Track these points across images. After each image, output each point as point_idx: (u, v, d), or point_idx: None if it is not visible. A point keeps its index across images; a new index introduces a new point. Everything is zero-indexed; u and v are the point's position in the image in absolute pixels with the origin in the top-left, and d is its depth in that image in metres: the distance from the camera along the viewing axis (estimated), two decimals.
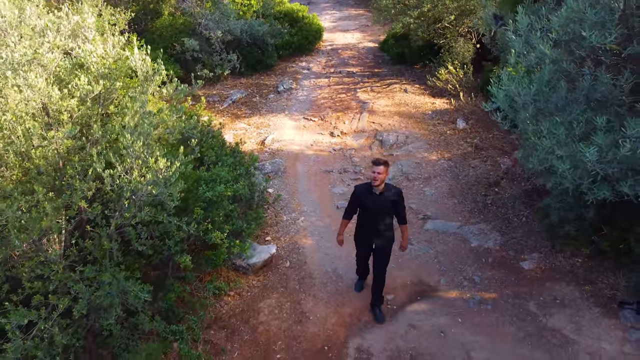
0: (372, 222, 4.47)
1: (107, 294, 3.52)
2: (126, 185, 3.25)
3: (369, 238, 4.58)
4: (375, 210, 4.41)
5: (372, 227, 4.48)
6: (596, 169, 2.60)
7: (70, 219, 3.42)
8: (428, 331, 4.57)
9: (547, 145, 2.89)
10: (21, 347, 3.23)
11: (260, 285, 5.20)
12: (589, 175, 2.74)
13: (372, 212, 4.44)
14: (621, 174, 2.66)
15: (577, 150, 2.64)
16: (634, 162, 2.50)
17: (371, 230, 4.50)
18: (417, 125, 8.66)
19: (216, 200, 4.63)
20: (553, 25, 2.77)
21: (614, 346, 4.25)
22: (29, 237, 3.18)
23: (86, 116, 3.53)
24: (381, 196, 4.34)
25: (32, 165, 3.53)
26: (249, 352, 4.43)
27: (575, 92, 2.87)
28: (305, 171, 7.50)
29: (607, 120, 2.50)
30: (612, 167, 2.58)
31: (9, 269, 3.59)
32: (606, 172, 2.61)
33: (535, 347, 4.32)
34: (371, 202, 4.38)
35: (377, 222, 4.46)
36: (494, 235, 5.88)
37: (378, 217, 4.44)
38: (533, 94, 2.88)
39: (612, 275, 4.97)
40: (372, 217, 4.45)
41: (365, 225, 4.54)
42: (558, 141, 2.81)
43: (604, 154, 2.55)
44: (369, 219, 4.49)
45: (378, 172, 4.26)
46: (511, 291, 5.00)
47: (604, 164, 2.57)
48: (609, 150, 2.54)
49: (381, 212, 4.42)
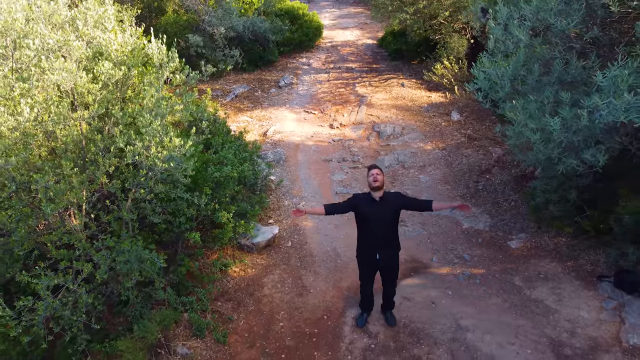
0: (375, 232, 4.12)
1: (126, 261, 3.87)
2: (145, 160, 3.59)
3: (373, 250, 4.19)
4: (376, 218, 4.07)
5: (375, 238, 4.14)
6: (561, 138, 2.93)
7: (93, 192, 3.76)
8: (420, 302, 4.91)
9: (521, 120, 3.22)
10: (50, 305, 3.58)
11: (263, 262, 5.55)
12: (557, 145, 3.08)
13: (373, 222, 4.09)
14: (584, 143, 2.99)
15: (546, 123, 2.97)
16: (593, 132, 2.83)
17: (374, 242, 4.15)
18: (413, 117, 9.01)
19: (223, 181, 4.98)
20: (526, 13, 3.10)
21: (591, 314, 4.60)
22: (57, 207, 3.52)
23: (107, 100, 3.88)
24: (382, 202, 4.06)
25: (57, 144, 3.87)
26: (254, 320, 4.78)
27: (549, 75, 3.22)
28: (305, 160, 7.85)
29: (571, 96, 2.84)
30: (576, 136, 2.91)
31: (36, 238, 3.95)
32: (571, 141, 2.95)
33: (519, 316, 4.67)
34: (372, 211, 4.06)
35: (380, 232, 4.12)
36: (484, 217, 6.23)
37: (380, 225, 4.10)
38: (510, 75, 3.22)
39: (593, 253, 5.31)
40: (375, 227, 4.10)
41: (368, 237, 4.19)
42: (530, 115, 3.15)
43: (568, 125, 2.88)
44: (371, 230, 4.13)
45: (376, 174, 4.02)
46: (498, 267, 5.35)
47: (569, 134, 2.89)
48: (573, 122, 2.87)
49: (383, 219, 4.09)
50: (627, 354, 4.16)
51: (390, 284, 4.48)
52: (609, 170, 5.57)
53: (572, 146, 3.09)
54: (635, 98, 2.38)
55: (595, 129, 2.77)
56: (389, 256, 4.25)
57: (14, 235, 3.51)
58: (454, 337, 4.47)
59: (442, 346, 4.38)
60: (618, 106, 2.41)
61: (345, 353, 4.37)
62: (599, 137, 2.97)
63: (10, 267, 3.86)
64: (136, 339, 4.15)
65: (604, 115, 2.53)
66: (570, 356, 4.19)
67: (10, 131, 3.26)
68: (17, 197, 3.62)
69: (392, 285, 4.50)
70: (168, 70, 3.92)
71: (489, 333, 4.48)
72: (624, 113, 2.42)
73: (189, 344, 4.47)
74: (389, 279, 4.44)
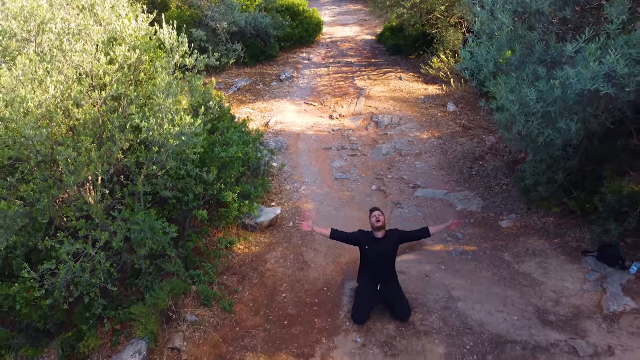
0: (377, 267, 4.60)
1: (140, 230, 4.16)
2: (157, 136, 3.89)
3: (375, 282, 4.62)
4: (378, 255, 4.55)
5: (377, 271, 4.61)
6: (537, 108, 3.22)
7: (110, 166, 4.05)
8: (415, 275, 5.21)
9: (502, 94, 3.52)
10: (71, 269, 3.87)
11: (266, 240, 5.84)
12: (535, 117, 3.37)
13: (376, 258, 4.57)
14: (559, 113, 3.28)
15: (524, 95, 3.26)
16: (566, 103, 3.12)
17: (376, 275, 4.62)
18: (410, 108, 9.31)
19: (229, 162, 5.27)
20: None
21: (575, 285, 4.89)
22: (78, 178, 3.81)
23: (122, 81, 4.17)
24: (383, 240, 4.58)
25: (76, 123, 4.16)
26: (258, 292, 5.07)
27: (531, 56, 3.51)
28: (306, 148, 8.15)
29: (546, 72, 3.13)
30: (552, 107, 3.20)
31: (57, 210, 4.24)
32: (547, 111, 3.23)
33: (508, 287, 4.96)
34: (374, 249, 4.55)
35: (381, 266, 4.59)
36: (476, 200, 6.53)
37: (381, 261, 4.58)
38: (493, 54, 3.52)
39: (579, 231, 5.61)
40: (377, 262, 4.59)
41: (370, 270, 4.65)
42: (511, 89, 3.44)
43: (544, 97, 3.17)
44: (372, 264, 4.61)
45: (378, 215, 4.56)
46: (489, 245, 5.64)
47: (545, 105, 3.18)
48: (548, 93, 3.16)
49: (384, 256, 4.57)
50: (607, 319, 4.45)
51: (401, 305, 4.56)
52: (595, 155, 5.91)
53: (549, 118, 3.38)
54: (600, 67, 2.67)
55: (568, 100, 3.06)
56: (389, 285, 4.64)
57: (38, 205, 3.80)
58: (446, 305, 4.76)
59: (435, 314, 4.67)
60: (585, 75, 2.70)
61: (343, 320, 4.66)
62: (572, 108, 3.26)
63: (33, 236, 4.15)
64: (148, 306, 4.44)
65: (573, 83, 2.82)
66: (554, 322, 4.48)
67: (36, 107, 3.55)
68: (39, 170, 3.91)
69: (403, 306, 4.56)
70: (178, 54, 4.22)
71: (479, 302, 4.78)
72: (591, 81, 2.71)
73: (197, 312, 4.77)
74: (397, 304, 4.57)
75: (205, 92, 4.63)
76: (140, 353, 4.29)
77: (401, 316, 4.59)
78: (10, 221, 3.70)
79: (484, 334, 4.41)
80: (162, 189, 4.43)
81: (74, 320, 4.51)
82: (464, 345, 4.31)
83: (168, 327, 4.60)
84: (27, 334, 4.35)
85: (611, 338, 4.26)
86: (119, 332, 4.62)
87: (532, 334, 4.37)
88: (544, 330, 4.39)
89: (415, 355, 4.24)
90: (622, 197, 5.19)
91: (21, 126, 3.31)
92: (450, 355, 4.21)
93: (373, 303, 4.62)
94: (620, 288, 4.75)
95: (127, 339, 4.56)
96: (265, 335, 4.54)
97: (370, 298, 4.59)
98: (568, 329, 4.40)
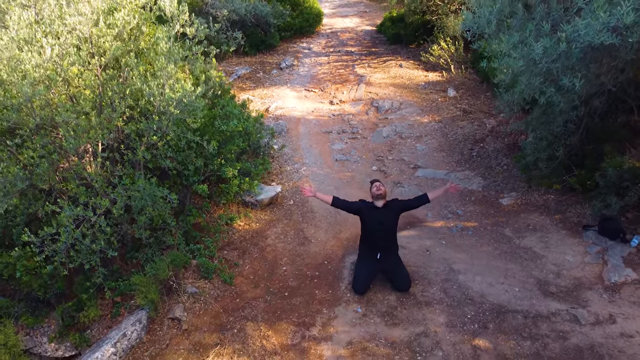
0: (377, 236, 4.56)
1: (141, 197, 4.15)
2: (159, 101, 3.88)
3: (375, 251, 4.58)
4: (379, 224, 4.51)
5: (377, 241, 4.57)
6: (542, 63, 3.21)
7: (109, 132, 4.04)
8: (415, 250, 5.20)
9: (505, 50, 3.51)
10: (71, 234, 3.86)
11: (267, 217, 5.83)
12: (539, 74, 3.35)
13: (376, 227, 4.54)
14: (562, 70, 3.27)
15: (529, 50, 3.26)
16: (570, 60, 3.10)
17: (376, 244, 4.58)
18: (410, 94, 9.30)
19: (230, 137, 5.26)
20: None
21: (576, 258, 4.88)
22: (78, 142, 3.80)
23: (122, 50, 4.16)
24: (384, 209, 4.54)
25: (75, 91, 4.15)
26: (258, 265, 5.06)
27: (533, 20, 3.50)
28: (306, 132, 8.14)
29: (551, 27, 3.12)
30: (555, 64, 3.19)
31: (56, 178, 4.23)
32: (550, 68, 3.22)
33: (508, 261, 4.95)
34: (374, 218, 4.51)
35: (381, 236, 4.55)
36: (477, 180, 6.52)
37: (382, 230, 4.53)
38: (496, 14, 3.51)
39: (580, 207, 5.60)
40: (377, 231, 4.55)
41: (370, 240, 4.61)
42: (514, 46, 3.43)
43: (549, 53, 3.16)
44: (373, 234, 4.58)
45: (379, 185, 4.58)
46: (490, 221, 5.63)
47: (549, 62, 3.17)
48: (553, 49, 3.15)
49: (385, 225, 4.53)
50: (609, 290, 4.44)
51: (401, 276, 4.54)
52: (595, 133, 5.90)
53: (552, 76, 3.37)
54: (610, 18, 2.66)
55: (572, 56, 3.05)
56: (389, 256, 4.63)
57: (38, 169, 3.79)
58: (446, 278, 4.75)
59: (436, 285, 4.66)
60: (595, 26, 2.69)
61: (344, 292, 4.66)
62: (575, 66, 3.25)
63: (33, 203, 4.14)
64: (149, 276, 4.43)
65: (582, 35, 2.81)
66: (555, 292, 4.47)
67: (34, 69, 3.54)
68: (39, 136, 3.90)
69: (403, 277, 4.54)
70: (179, 22, 4.21)
71: (480, 275, 4.77)
72: (598, 34, 2.70)
73: (197, 284, 4.76)
74: (397, 275, 4.55)
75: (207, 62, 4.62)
76: (140, 322, 4.29)
77: (402, 288, 4.58)
78: (9, 185, 3.69)
79: (485, 304, 4.40)
80: (162, 159, 4.42)
81: (74, 291, 4.51)
82: (465, 314, 4.30)
83: (168, 299, 4.59)
84: (28, 303, 4.34)
85: (612, 307, 4.25)
86: (119, 304, 4.61)
87: (533, 304, 4.36)
88: (545, 301, 4.39)
89: (416, 325, 4.23)
90: (624, 171, 5.18)
91: (19, 86, 3.30)
92: (452, 324, 4.20)
93: (373, 273, 4.61)
94: (621, 260, 4.74)
95: (127, 311, 4.55)
96: (266, 306, 4.53)
97: (370, 268, 4.58)
98: (569, 299, 4.39)
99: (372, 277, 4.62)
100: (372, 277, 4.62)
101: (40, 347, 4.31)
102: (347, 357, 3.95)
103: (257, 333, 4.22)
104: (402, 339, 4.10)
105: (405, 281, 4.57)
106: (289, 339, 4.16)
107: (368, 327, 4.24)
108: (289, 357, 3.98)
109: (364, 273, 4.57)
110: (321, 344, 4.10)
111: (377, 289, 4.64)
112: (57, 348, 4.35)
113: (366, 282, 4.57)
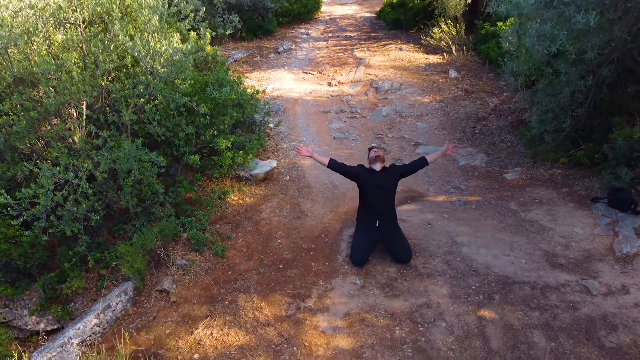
0: (376, 200, 4.34)
1: (126, 161, 3.92)
2: (145, 56, 3.64)
3: (373, 218, 4.36)
4: (377, 187, 4.31)
5: (376, 206, 4.36)
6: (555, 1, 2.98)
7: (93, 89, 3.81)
8: (417, 224, 4.97)
9: None
10: (51, 197, 3.63)
11: (262, 193, 5.60)
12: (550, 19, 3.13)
13: (375, 191, 4.32)
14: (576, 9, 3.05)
15: None
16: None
17: (374, 210, 4.37)
18: (411, 75, 9.07)
19: (223, 105, 5.03)
20: None
21: (586, 230, 4.65)
22: (60, 98, 3.57)
23: (106, 4, 3.93)
24: (382, 173, 4.33)
25: (57, 49, 3.92)
26: (252, 239, 4.83)
27: None
28: (304, 112, 7.91)
29: None
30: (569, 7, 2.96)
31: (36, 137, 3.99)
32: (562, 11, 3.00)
33: (514, 234, 4.72)
34: (373, 181, 4.31)
35: (380, 200, 4.34)
36: (480, 156, 6.29)
37: (380, 194, 4.33)
38: None
39: (588, 181, 5.37)
40: (375, 195, 4.33)
41: (368, 206, 4.40)
42: None
43: None
44: (371, 198, 4.35)
45: (377, 150, 4.41)
46: (494, 195, 5.40)
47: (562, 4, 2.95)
48: None
49: (383, 189, 4.32)
50: (621, 261, 4.22)
51: (401, 246, 4.33)
52: (604, 105, 5.67)
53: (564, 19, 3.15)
54: None
55: None
56: (389, 224, 4.39)
57: (16, 127, 3.55)
58: (450, 250, 4.52)
59: (438, 258, 4.43)
60: None
61: (342, 264, 4.43)
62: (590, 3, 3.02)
63: (12, 167, 3.90)
64: (136, 246, 4.20)
65: None
66: (564, 264, 4.25)
67: (12, 17, 3.32)
68: (18, 92, 3.67)
69: (403, 248, 4.33)
70: None
71: (485, 247, 4.54)
72: None
73: (188, 257, 4.53)
74: (397, 245, 4.33)
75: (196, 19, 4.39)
76: (126, 293, 4.06)
77: (402, 259, 4.34)
78: None
79: (491, 276, 4.17)
80: (150, 124, 4.19)
81: (57, 262, 4.27)
82: (470, 286, 4.08)
83: (157, 271, 4.36)
84: (7, 274, 4.11)
85: (625, 278, 4.03)
86: (104, 277, 4.38)
87: (541, 275, 4.13)
88: (554, 272, 4.16)
89: (418, 296, 4.00)
90: (634, 142, 4.96)
91: None
92: (455, 295, 3.98)
93: (372, 244, 4.37)
94: (633, 231, 4.52)
95: (113, 284, 4.32)
96: (260, 279, 4.30)
97: (369, 238, 4.34)
98: (579, 271, 4.17)
99: (372, 248, 4.39)
100: (372, 248, 4.38)
101: (20, 320, 4.08)
102: (345, 328, 3.72)
103: (250, 305, 3.99)
104: (403, 310, 3.87)
105: (406, 252, 4.34)
106: (283, 310, 3.93)
107: (367, 299, 4.01)
108: (283, 328, 3.75)
109: (363, 244, 4.33)
110: (317, 315, 3.87)
111: (376, 261, 4.42)
112: (39, 321, 4.12)
113: (365, 253, 4.33)
